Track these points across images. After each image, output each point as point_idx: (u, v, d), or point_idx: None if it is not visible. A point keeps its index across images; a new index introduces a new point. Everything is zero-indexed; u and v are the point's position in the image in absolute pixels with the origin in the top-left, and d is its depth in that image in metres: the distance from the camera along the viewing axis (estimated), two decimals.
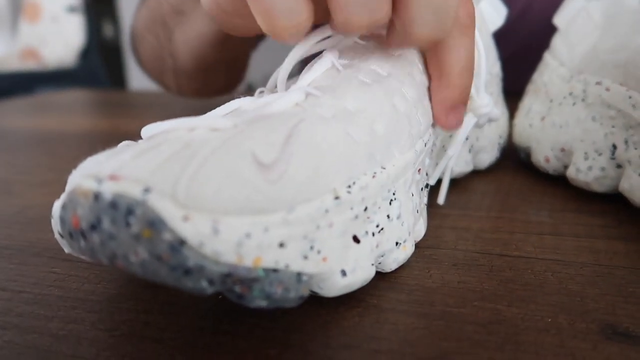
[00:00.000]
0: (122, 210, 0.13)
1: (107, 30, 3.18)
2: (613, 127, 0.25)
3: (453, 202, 0.26)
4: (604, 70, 0.26)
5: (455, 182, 0.29)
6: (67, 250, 0.16)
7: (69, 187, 0.15)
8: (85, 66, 2.03)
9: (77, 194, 0.13)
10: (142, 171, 0.13)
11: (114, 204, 0.13)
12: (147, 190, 0.13)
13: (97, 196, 0.13)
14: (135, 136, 0.46)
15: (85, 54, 2.04)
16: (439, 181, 0.27)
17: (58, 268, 0.20)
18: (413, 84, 0.21)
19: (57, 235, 0.16)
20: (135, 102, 0.66)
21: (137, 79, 2.21)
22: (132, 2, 2.41)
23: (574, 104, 0.28)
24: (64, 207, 0.14)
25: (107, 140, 0.45)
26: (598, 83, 0.26)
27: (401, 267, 0.19)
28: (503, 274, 0.19)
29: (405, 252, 0.19)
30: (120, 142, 0.43)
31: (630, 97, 0.23)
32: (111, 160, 0.14)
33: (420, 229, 0.21)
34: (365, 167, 0.17)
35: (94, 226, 0.13)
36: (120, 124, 0.52)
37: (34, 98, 0.77)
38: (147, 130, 0.17)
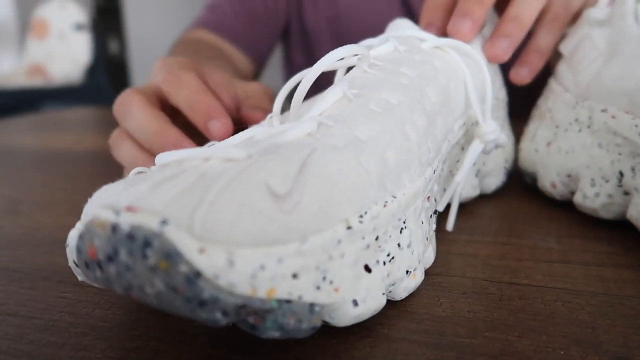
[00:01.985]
0: (139, 242, 0.13)
1: (113, 46, 3.21)
2: (619, 154, 0.25)
3: (460, 227, 0.27)
4: (609, 98, 0.26)
5: (462, 207, 0.29)
6: (81, 278, 0.16)
7: (85, 217, 0.15)
8: (92, 83, 2.05)
9: (95, 225, 0.13)
10: (159, 203, 0.13)
11: (131, 236, 0.13)
12: (164, 222, 0.13)
13: (114, 228, 0.13)
14: None
15: (92, 70, 2.06)
16: (447, 205, 0.27)
17: (68, 293, 0.20)
18: (423, 112, 0.21)
19: (71, 264, 0.16)
20: None
21: None
22: (137, 18, 2.44)
23: (579, 130, 0.28)
24: (81, 237, 0.14)
25: (114, 160, 0.45)
26: (604, 110, 0.26)
27: (411, 295, 0.19)
28: (513, 303, 0.19)
29: (415, 280, 0.19)
30: None
31: (636, 126, 0.23)
32: (128, 191, 0.14)
33: (429, 256, 0.21)
34: (377, 196, 0.17)
35: (111, 257, 0.13)
36: None
37: (41, 116, 0.77)
38: (161, 158, 0.17)
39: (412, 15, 0.58)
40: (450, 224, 0.25)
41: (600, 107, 0.26)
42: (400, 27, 0.27)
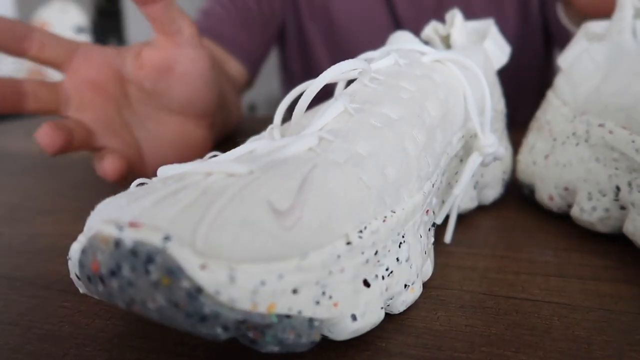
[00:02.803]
0: (142, 257, 0.13)
1: None
2: (616, 169, 0.25)
3: (459, 239, 0.27)
4: (606, 113, 0.26)
5: (460, 218, 0.29)
6: (82, 291, 0.16)
7: (88, 230, 0.15)
8: None
9: (98, 240, 0.14)
10: (162, 219, 0.13)
11: (134, 252, 0.13)
12: (167, 238, 0.13)
13: (118, 243, 0.13)
14: None
15: None
16: (446, 217, 0.28)
17: (68, 302, 0.20)
18: (423, 127, 0.21)
19: (73, 276, 0.16)
20: None
21: None
22: (137, 21, 2.45)
23: (577, 144, 0.28)
24: (84, 251, 0.14)
25: None
26: (601, 125, 0.26)
27: (409, 309, 0.20)
28: (510, 318, 0.19)
29: (413, 294, 0.19)
30: None
31: (633, 142, 0.24)
32: (131, 206, 0.14)
33: (427, 270, 0.21)
34: (376, 211, 0.18)
35: (114, 272, 0.13)
36: None
37: (40, 120, 0.78)
38: (164, 171, 0.17)
39: (398, 23, 0.59)
40: (448, 237, 0.25)
41: (598, 122, 0.27)
42: (401, 40, 0.27)
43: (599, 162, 0.27)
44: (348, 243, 0.16)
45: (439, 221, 0.24)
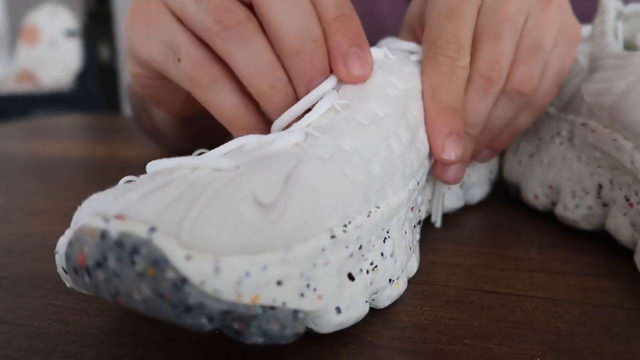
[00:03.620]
0: (127, 248, 0.13)
1: (104, 52, 3.20)
2: (599, 167, 0.26)
3: (446, 237, 0.27)
4: (589, 112, 0.27)
5: (447, 217, 0.30)
6: (69, 284, 0.16)
7: (75, 224, 0.15)
8: (82, 89, 2.05)
9: (85, 232, 0.14)
10: (148, 211, 0.14)
11: (120, 243, 0.13)
12: (152, 229, 0.13)
13: (103, 234, 0.13)
14: (132, 164, 0.46)
15: (82, 76, 2.06)
16: (430, 217, 0.28)
17: (57, 300, 0.21)
18: (407, 126, 0.22)
19: (60, 270, 0.16)
20: (131, 128, 0.66)
21: None
22: None
23: (561, 143, 0.29)
24: (70, 244, 0.14)
25: (104, 168, 0.45)
26: (584, 124, 0.27)
27: (394, 303, 0.20)
28: (494, 312, 0.20)
29: (398, 289, 0.20)
30: (117, 170, 0.44)
31: (614, 140, 0.24)
32: (118, 200, 0.14)
33: (412, 266, 0.22)
34: (361, 206, 0.18)
35: (100, 264, 0.13)
36: (117, 151, 0.52)
37: (30, 122, 0.77)
38: (152, 166, 0.17)
39: (382, 29, 0.58)
40: (438, 222, 0.27)
41: (581, 121, 0.27)
42: (388, 42, 0.27)
43: (581, 161, 0.27)
44: (332, 237, 0.16)
45: (438, 224, 0.25)
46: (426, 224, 0.28)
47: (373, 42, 0.36)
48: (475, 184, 0.31)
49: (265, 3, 0.20)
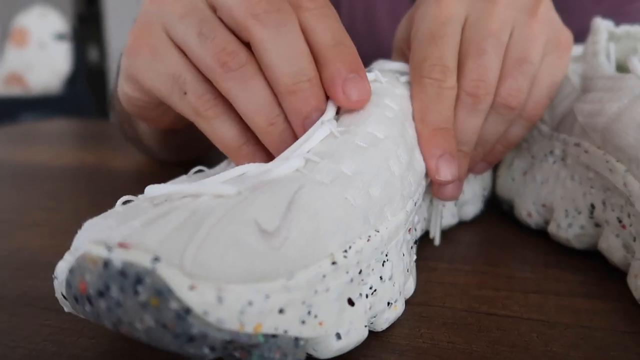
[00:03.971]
0: (131, 278, 0.13)
1: (93, 54, 3.18)
2: (591, 187, 0.26)
3: (440, 254, 0.27)
4: (582, 133, 0.27)
5: (442, 234, 0.30)
6: (67, 310, 0.16)
7: (76, 250, 0.15)
8: (71, 92, 2.03)
9: (86, 260, 0.14)
10: (151, 240, 0.14)
11: (123, 272, 0.13)
12: (156, 259, 0.13)
13: (106, 264, 0.13)
14: (122, 173, 0.46)
15: (71, 80, 2.04)
16: (425, 233, 0.28)
17: (51, 320, 0.20)
18: (406, 146, 0.22)
19: (59, 296, 0.16)
20: (120, 135, 0.66)
21: None
22: (118, 26, 2.43)
23: (554, 162, 0.29)
24: (71, 271, 0.14)
25: (94, 177, 0.45)
26: (577, 144, 0.27)
27: (392, 326, 0.20)
28: (491, 335, 0.20)
29: (396, 312, 0.20)
30: (108, 180, 0.43)
31: (607, 162, 0.24)
32: (121, 227, 0.14)
33: (410, 287, 0.22)
34: (360, 230, 0.18)
35: (102, 293, 0.13)
36: (107, 159, 0.52)
37: (19, 127, 0.76)
38: (151, 191, 0.17)
39: (381, 47, 0.58)
40: (437, 239, 0.27)
41: (574, 141, 0.28)
42: (380, 64, 0.28)
43: (574, 181, 0.27)
44: (333, 263, 0.16)
45: (437, 241, 0.25)
46: (420, 241, 0.28)
47: (375, 59, 0.36)
48: (469, 200, 0.32)
49: (263, 46, 0.21)
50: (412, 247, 0.23)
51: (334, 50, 0.22)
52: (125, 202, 0.19)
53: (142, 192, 0.18)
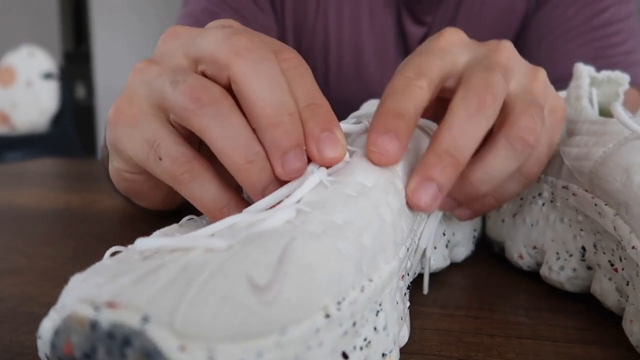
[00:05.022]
0: (118, 340, 0.13)
1: (80, 91, 3.18)
2: (581, 230, 0.26)
3: (433, 299, 0.27)
4: (570, 176, 0.27)
5: (434, 276, 0.30)
6: None
7: (62, 308, 0.14)
8: (57, 131, 2.02)
9: (73, 321, 0.13)
10: (140, 299, 0.13)
11: (110, 334, 0.13)
12: (145, 319, 0.13)
13: (94, 325, 0.13)
14: (109, 216, 0.45)
15: (58, 118, 2.04)
16: (418, 277, 0.28)
17: None
18: (396, 193, 0.22)
19: (42, 356, 0.15)
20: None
21: None
22: (106, 64, 2.45)
23: (543, 204, 0.29)
24: (57, 332, 0.14)
25: (81, 219, 0.44)
26: (565, 187, 0.28)
27: None
28: None
29: None
30: (94, 222, 0.43)
31: (596, 205, 0.25)
32: (109, 285, 0.14)
33: (404, 335, 0.21)
34: (353, 280, 0.18)
35: (88, 355, 0.13)
36: (93, 200, 0.51)
37: (5, 167, 0.76)
38: (141, 244, 0.17)
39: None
40: (425, 289, 0.26)
41: (562, 184, 0.28)
42: (373, 106, 0.28)
43: (564, 223, 0.28)
44: (327, 316, 0.16)
45: (425, 290, 0.25)
46: (412, 285, 0.28)
47: (363, 102, 0.36)
48: (460, 242, 0.31)
49: (243, 79, 0.21)
50: (405, 294, 0.22)
51: (308, 110, 0.22)
52: (113, 253, 0.18)
53: (129, 235, 0.17)
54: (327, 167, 0.21)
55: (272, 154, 0.21)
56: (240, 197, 0.23)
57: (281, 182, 0.21)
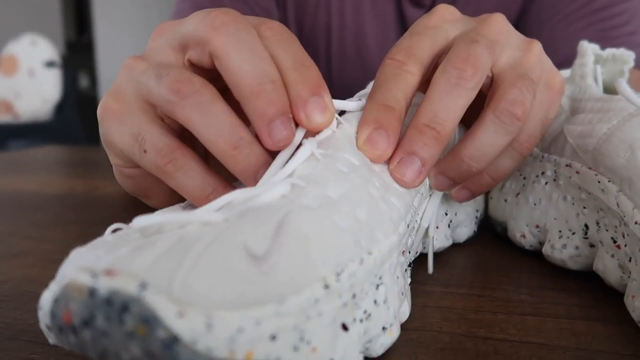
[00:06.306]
0: (117, 306, 0.13)
1: (83, 81, 3.18)
2: (584, 207, 0.26)
3: (436, 278, 0.27)
4: (573, 154, 0.27)
5: (436, 256, 0.29)
6: (52, 342, 0.16)
7: (61, 279, 0.14)
8: (60, 120, 2.02)
9: (71, 289, 0.13)
10: (138, 266, 0.13)
11: (109, 301, 0.13)
12: (142, 286, 0.13)
13: (92, 292, 0.13)
14: (113, 201, 0.45)
15: (61, 107, 2.04)
16: (420, 256, 0.28)
17: (36, 354, 0.20)
18: (376, 173, 0.22)
19: (43, 327, 0.15)
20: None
21: None
22: (109, 53, 2.44)
23: (546, 183, 0.29)
24: (56, 301, 0.14)
25: (84, 204, 0.44)
26: (568, 165, 0.27)
27: (390, 352, 0.19)
28: (489, 359, 0.19)
29: (391, 337, 0.19)
30: (97, 207, 0.43)
31: (599, 182, 0.24)
32: (108, 255, 0.14)
33: (405, 311, 0.21)
34: (352, 253, 0.18)
35: (87, 322, 0.13)
36: (97, 186, 0.51)
37: (9, 155, 0.76)
38: (139, 222, 0.17)
39: (370, 71, 0.57)
40: (430, 268, 0.26)
41: (565, 162, 0.28)
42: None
43: (567, 201, 0.27)
44: (326, 287, 0.16)
45: (430, 269, 0.25)
46: (414, 264, 0.28)
47: (364, 85, 0.36)
48: (462, 222, 0.31)
49: (222, 52, 0.21)
50: (406, 270, 0.22)
51: (295, 73, 0.21)
52: (114, 230, 0.18)
53: (132, 220, 0.17)
54: (314, 134, 0.21)
55: (258, 124, 0.21)
56: (226, 183, 0.23)
57: None
